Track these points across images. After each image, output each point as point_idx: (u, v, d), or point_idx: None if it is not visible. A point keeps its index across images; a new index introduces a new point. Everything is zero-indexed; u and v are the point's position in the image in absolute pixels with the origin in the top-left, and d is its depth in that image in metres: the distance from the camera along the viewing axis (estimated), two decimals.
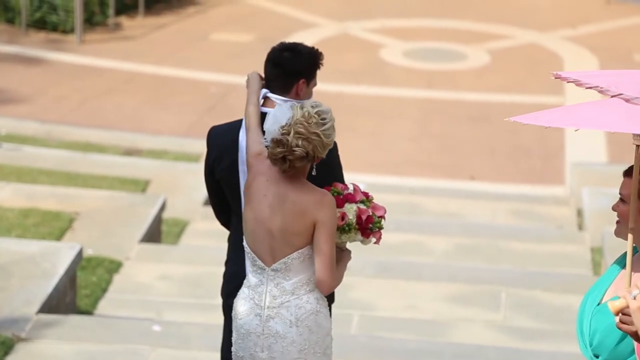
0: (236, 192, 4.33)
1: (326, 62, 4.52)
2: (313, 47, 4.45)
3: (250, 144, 4.18)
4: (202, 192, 9.36)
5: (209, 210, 9.15)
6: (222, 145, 4.38)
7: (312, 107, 3.98)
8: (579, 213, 9.47)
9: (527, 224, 9.34)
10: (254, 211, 4.06)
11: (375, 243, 4.16)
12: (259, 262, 4.09)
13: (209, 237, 8.38)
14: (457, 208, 9.76)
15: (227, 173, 4.36)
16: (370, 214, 4.10)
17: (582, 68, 14.60)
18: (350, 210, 4.08)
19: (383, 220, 4.16)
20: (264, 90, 4.38)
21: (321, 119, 3.96)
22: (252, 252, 4.11)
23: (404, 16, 16.94)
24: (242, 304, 4.15)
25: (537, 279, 7.51)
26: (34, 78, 13.93)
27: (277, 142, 3.95)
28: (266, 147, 4.02)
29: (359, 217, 4.07)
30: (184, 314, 6.91)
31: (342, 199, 4.11)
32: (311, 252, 4.03)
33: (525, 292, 7.24)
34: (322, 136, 3.95)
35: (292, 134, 3.93)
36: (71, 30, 15.40)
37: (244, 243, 4.16)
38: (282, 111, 3.99)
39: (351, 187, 4.19)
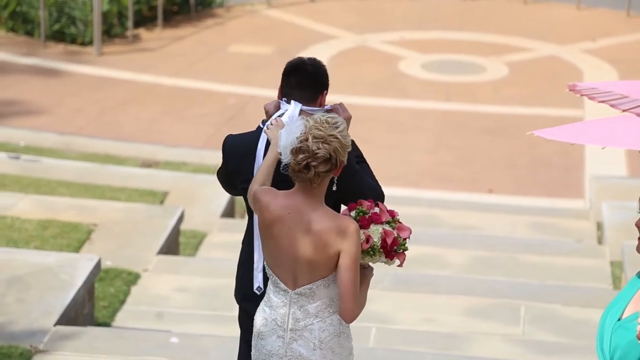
0: None
1: (344, 74, 4.58)
2: None
3: (255, 181, 4.17)
4: (220, 203, 9.37)
5: (227, 222, 9.20)
6: (240, 159, 4.38)
7: (321, 115, 4.00)
8: (599, 226, 9.42)
9: (547, 237, 9.29)
10: (276, 242, 4.01)
11: (399, 266, 4.10)
12: (282, 285, 4.06)
13: (227, 249, 8.37)
14: (476, 221, 9.73)
15: (248, 181, 4.36)
16: (396, 235, 4.03)
17: (600, 80, 14.54)
18: (376, 232, 4.01)
19: (407, 240, 4.09)
20: (298, 105, 4.37)
21: (334, 123, 3.96)
22: (274, 275, 4.09)
23: (423, 29, 16.93)
24: (263, 324, 4.12)
25: (557, 292, 7.47)
26: (53, 90, 13.98)
27: (297, 150, 3.92)
28: (285, 165, 3.99)
29: (384, 240, 3.99)
30: (201, 326, 6.90)
31: (368, 220, 4.03)
32: (335, 277, 4.00)
33: (545, 306, 7.20)
34: (339, 137, 3.93)
35: (310, 139, 3.91)
36: (90, 42, 15.46)
37: (265, 264, 4.14)
38: (294, 125, 3.99)
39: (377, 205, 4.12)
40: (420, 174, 11.73)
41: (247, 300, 4.41)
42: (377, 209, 4.07)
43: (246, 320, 4.48)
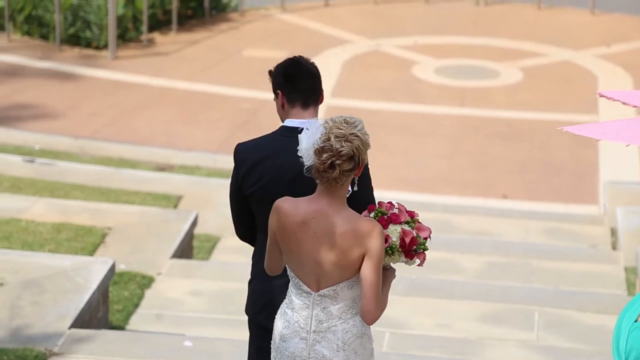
0: (267, 207, 4.29)
1: (358, 78, 4.59)
2: None
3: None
4: None
5: None
6: (252, 160, 4.38)
7: (339, 116, 4.02)
8: (613, 232, 9.40)
9: (560, 242, 9.28)
10: (300, 246, 4.01)
11: (419, 265, 4.11)
12: (305, 287, 4.06)
13: (241, 253, 8.37)
14: (490, 226, 9.72)
15: (259, 187, 4.35)
16: (415, 235, 4.04)
17: (616, 86, 14.52)
18: (394, 232, 4.02)
19: (428, 240, 4.10)
20: (307, 121, 4.36)
21: (352, 122, 3.98)
22: (296, 277, 4.09)
23: (437, 33, 16.92)
24: (285, 326, 4.12)
25: (571, 298, 7.45)
26: (68, 93, 14.03)
27: (320, 150, 3.94)
28: (308, 168, 4.00)
29: (402, 239, 4.00)
30: (215, 330, 6.91)
31: (387, 220, 4.04)
32: (359, 279, 4.01)
33: (559, 312, 7.19)
34: (360, 135, 3.96)
35: (332, 138, 3.93)
36: (104, 46, 15.51)
37: (287, 267, 4.13)
38: (313, 128, 4.00)
39: (396, 206, 4.14)
40: (434, 179, 11.72)
41: (262, 314, 4.40)
42: (396, 210, 4.08)
43: (257, 330, 4.46)
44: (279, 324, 4.15)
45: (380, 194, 4.60)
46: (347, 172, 3.95)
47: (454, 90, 14.57)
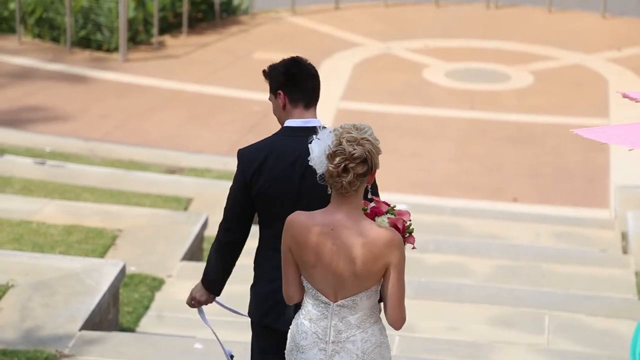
0: (275, 205, 4.29)
1: (369, 81, 4.59)
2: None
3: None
4: None
5: (252, 228, 9.19)
6: (259, 161, 4.37)
7: (346, 124, 4.02)
8: (624, 236, 9.39)
9: (571, 246, 9.27)
10: (318, 258, 4.00)
11: (413, 248, 4.13)
12: (323, 298, 4.05)
13: (251, 255, 8.36)
14: (500, 230, 9.71)
15: (269, 187, 4.34)
16: (402, 221, 4.08)
17: (627, 90, 14.48)
18: (383, 223, 4.05)
19: (411, 222, 4.15)
20: (312, 120, 4.36)
21: (362, 128, 3.98)
22: (314, 289, 4.08)
23: (447, 37, 16.92)
24: (303, 337, 4.10)
25: (581, 302, 7.44)
26: (78, 96, 14.06)
27: (333, 155, 3.94)
28: (322, 175, 3.98)
29: (395, 227, 4.05)
30: (225, 333, 6.90)
31: (371, 214, 4.07)
32: (378, 288, 4.02)
33: (569, 316, 7.18)
34: (370, 139, 3.96)
35: (344, 142, 3.93)
36: (115, 49, 15.54)
37: (302, 278, 4.10)
38: (323, 136, 4.00)
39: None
40: (444, 182, 11.72)
41: (269, 316, 4.39)
42: (373, 203, 4.10)
43: (262, 332, 4.46)
44: (297, 335, 4.12)
45: (390, 197, 4.60)
46: (360, 176, 3.94)
47: (464, 94, 14.56)
